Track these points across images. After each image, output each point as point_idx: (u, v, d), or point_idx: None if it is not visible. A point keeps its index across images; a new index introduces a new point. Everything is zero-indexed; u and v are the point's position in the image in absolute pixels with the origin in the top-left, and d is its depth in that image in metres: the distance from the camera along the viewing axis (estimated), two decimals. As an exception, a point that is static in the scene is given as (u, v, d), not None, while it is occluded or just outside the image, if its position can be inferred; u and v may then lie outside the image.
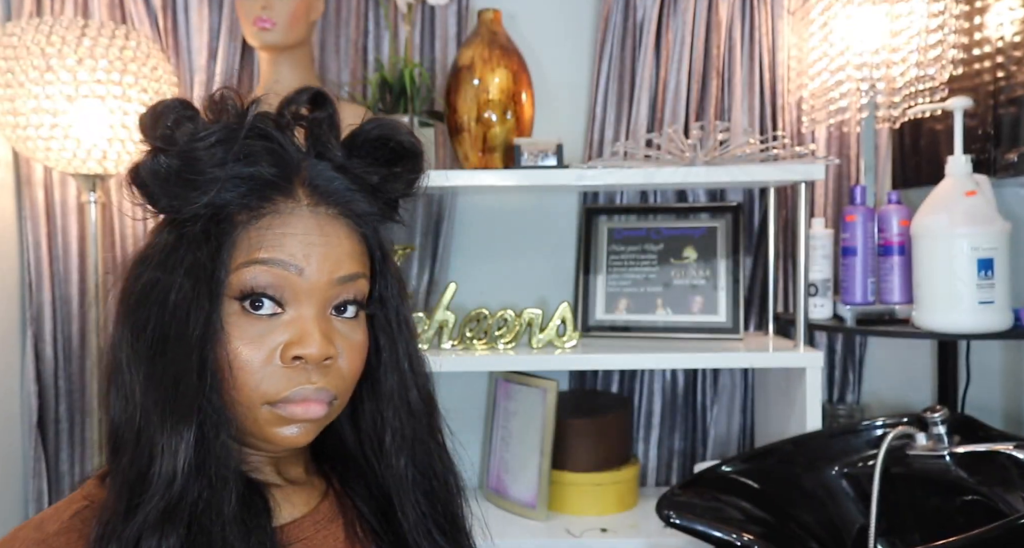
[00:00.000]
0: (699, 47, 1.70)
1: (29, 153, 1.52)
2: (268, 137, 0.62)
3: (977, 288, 1.36)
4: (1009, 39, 1.45)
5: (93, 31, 1.47)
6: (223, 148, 0.60)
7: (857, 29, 1.46)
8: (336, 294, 0.64)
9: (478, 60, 1.55)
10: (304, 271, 0.62)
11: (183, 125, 0.61)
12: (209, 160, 0.59)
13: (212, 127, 0.60)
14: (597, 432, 1.63)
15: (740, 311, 1.62)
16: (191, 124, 0.61)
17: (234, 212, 0.61)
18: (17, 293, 1.72)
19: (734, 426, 1.77)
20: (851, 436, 1.39)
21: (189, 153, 0.60)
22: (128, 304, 0.62)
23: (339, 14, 1.73)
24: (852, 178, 1.72)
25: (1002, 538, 1.03)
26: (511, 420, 1.69)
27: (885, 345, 1.78)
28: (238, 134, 0.60)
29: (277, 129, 0.63)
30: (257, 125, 0.61)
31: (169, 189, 0.61)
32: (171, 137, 0.60)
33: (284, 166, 0.62)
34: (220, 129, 0.60)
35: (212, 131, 0.60)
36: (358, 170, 0.65)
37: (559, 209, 1.80)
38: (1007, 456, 1.22)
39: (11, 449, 1.70)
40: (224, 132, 0.60)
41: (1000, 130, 1.47)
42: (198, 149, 0.59)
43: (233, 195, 0.61)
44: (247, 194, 0.61)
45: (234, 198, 0.61)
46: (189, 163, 0.60)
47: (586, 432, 1.63)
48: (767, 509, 1.31)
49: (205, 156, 0.59)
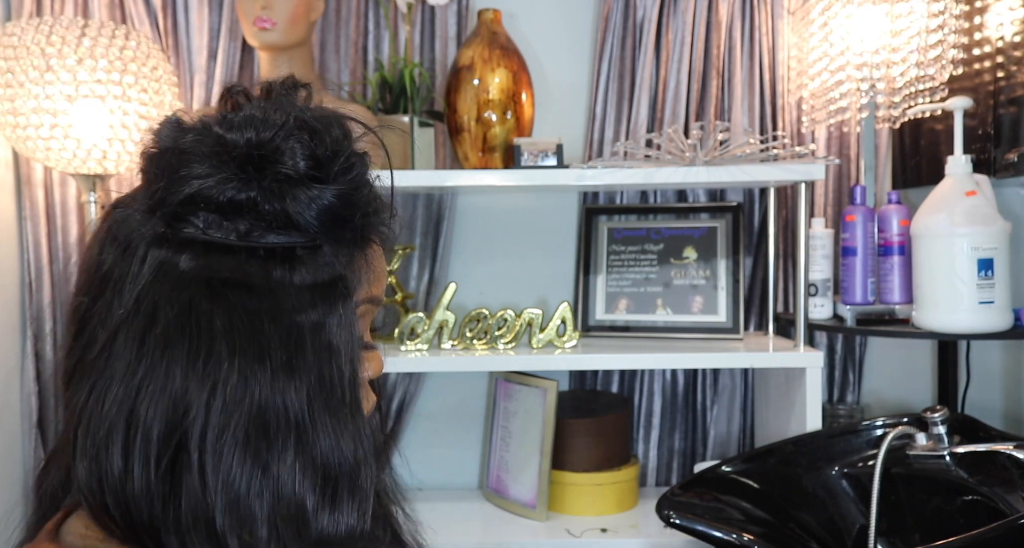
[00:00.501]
0: (699, 47, 1.70)
1: (29, 153, 1.52)
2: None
3: (977, 288, 1.36)
4: (1009, 39, 1.45)
5: (93, 31, 1.47)
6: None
7: (857, 29, 1.46)
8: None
9: (478, 60, 1.56)
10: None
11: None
12: (377, 198, 0.62)
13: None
14: (597, 432, 1.63)
15: (740, 311, 1.62)
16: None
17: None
18: (17, 293, 1.72)
19: (734, 426, 1.77)
20: (851, 436, 1.39)
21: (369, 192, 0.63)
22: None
23: (339, 14, 1.73)
24: (852, 178, 1.72)
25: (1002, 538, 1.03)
26: (511, 420, 1.69)
27: (885, 345, 1.78)
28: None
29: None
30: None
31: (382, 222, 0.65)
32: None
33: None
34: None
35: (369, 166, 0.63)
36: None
37: (559, 209, 1.80)
38: (1007, 456, 1.22)
39: (11, 449, 1.70)
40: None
41: (1000, 130, 1.47)
42: (370, 185, 0.62)
43: (385, 230, 0.65)
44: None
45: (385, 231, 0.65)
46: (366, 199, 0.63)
47: (586, 432, 1.63)
48: (767, 509, 1.31)
49: (377, 192, 0.63)
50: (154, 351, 0.52)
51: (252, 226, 0.55)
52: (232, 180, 0.55)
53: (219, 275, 0.54)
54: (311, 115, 0.58)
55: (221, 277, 0.54)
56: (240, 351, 0.52)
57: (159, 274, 0.54)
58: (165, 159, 0.56)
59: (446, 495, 1.75)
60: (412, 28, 1.70)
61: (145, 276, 0.54)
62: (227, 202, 0.54)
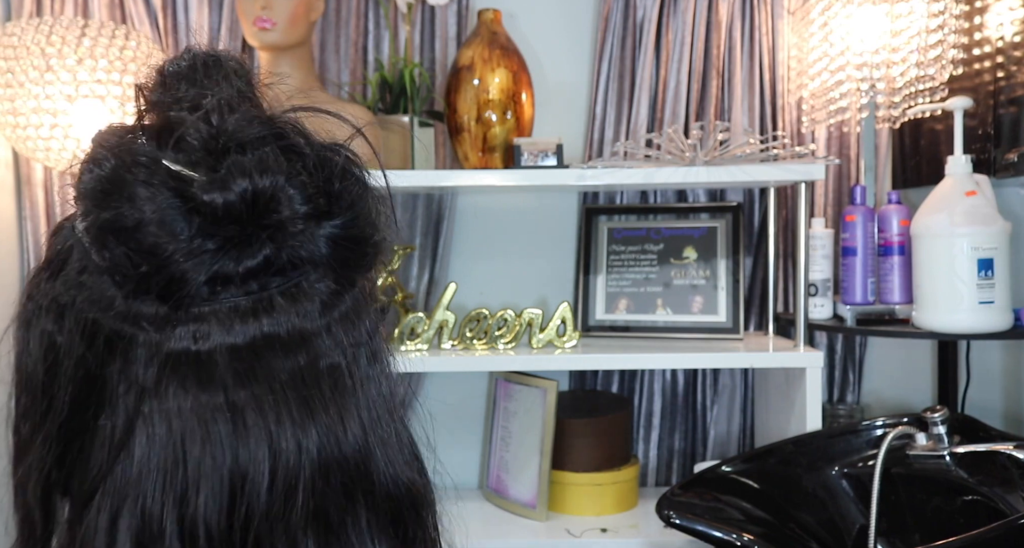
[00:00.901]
0: (699, 47, 1.70)
1: (29, 153, 1.52)
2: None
3: (977, 288, 1.36)
4: (1009, 39, 1.45)
5: (93, 31, 1.47)
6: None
7: (857, 29, 1.46)
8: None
9: (478, 60, 1.56)
10: None
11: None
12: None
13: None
14: (597, 432, 1.63)
15: (740, 311, 1.62)
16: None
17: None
18: (17, 293, 1.71)
19: (734, 426, 1.77)
20: (851, 436, 1.39)
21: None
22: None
23: (339, 14, 1.73)
24: (852, 178, 1.72)
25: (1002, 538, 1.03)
26: (511, 420, 1.69)
27: (885, 345, 1.78)
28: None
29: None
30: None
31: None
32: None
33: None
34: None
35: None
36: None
37: (559, 209, 1.80)
38: (1007, 456, 1.22)
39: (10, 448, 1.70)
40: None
41: (1000, 130, 1.47)
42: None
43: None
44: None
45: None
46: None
47: (586, 432, 1.63)
48: (767, 509, 1.31)
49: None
50: (188, 455, 0.47)
51: (264, 281, 0.49)
52: (234, 245, 0.47)
53: (246, 343, 0.48)
54: (290, 131, 0.49)
55: (249, 344, 0.48)
56: (288, 415, 0.48)
57: (170, 372, 0.47)
58: (128, 232, 0.46)
59: (446, 495, 1.75)
60: (412, 28, 1.70)
61: (147, 380, 0.48)
62: (242, 272, 0.48)
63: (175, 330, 0.47)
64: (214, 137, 0.47)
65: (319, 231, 0.49)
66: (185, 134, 0.47)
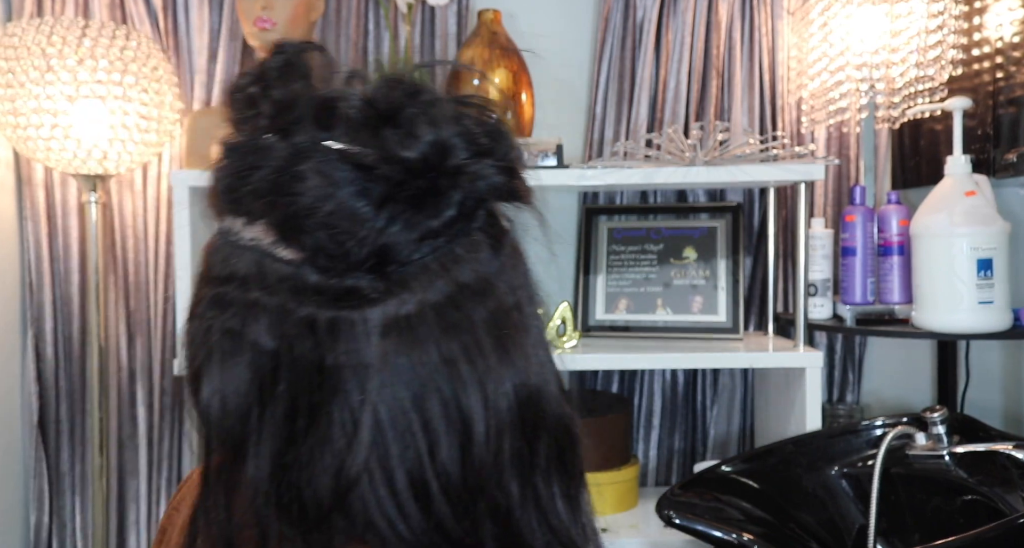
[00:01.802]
0: (699, 47, 1.70)
1: (29, 153, 1.52)
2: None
3: (977, 288, 1.36)
4: (1009, 39, 1.45)
5: (93, 31, 1.47)
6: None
7: (857, 29, 1.46)
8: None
9: (478, 60, 1.56)
10: None
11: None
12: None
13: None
14: (597, 432, 1.63)
15: (740, 311, 1.62)
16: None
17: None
18: (17, 293, 1.72)
19: (734, 426, 1.77)
20: (851, 436, 1.39)
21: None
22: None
23: (339, 14, 1.73)
24: (852, 178, 1.72)
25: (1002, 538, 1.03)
26: (511, 420, 1.69)
27: (885, 345, 1.78)
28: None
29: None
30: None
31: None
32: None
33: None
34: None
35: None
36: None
37: (559, 209, 1.80)
38: (1007, 456, 1.22)
39: (11, 449, 1.70)
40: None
41: (1000, 130, 1.48)
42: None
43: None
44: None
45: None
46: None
47: (586, 432, 1.61)
48: (767, 509, 1.31)
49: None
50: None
51: (452, 232, 0.51)
52: (427, 199, 0.49)
53: (446, 296, 0.50)
54: (423, 87, 0.52)
55: (449, 297, 0.50)
56: (491, 360, 0.51)
57: (390, 342, 0.49)
58: (322, 216, 0.47)
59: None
60: (412, 28, 1.71)
61: (371, 356, 0.49)
62: (440, 225, 0.49)
63: (388, 299, 0.49)
64: (370, 105, 0.50)
65: (490, 167, 0.51)
66: (345, 109, 0.49)
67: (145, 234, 1.71)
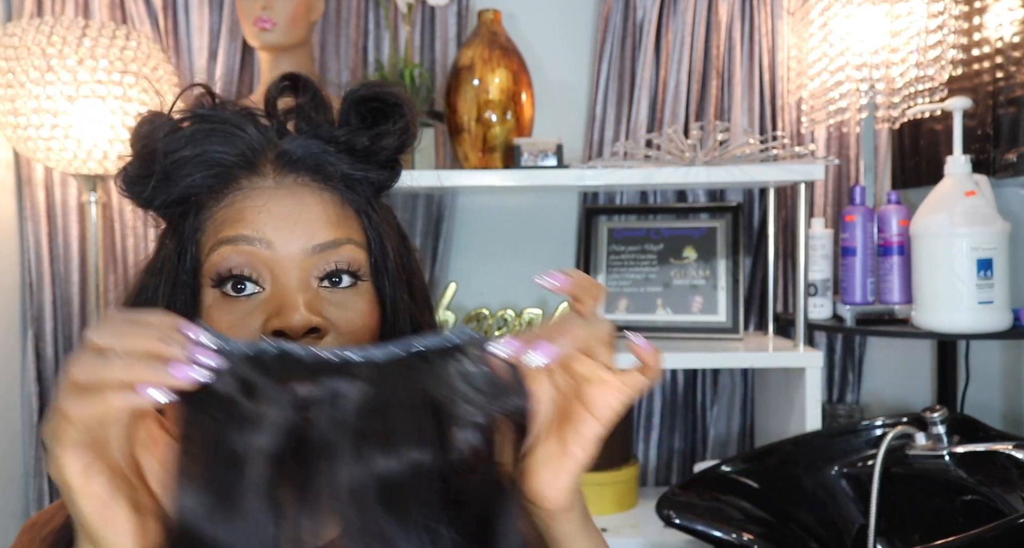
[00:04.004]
0: (699, 47, 1.70)
1: (30, 153, 1.52)
2: (225, 121, 0.60)
3: (977, 288, 1.36)
4: (1009, 39, 1.45)
5: (94, 31, 1.47)
6: (175, 137, 0.59)
7: (857, 29, 1.46)
8: (315, 264, 0.59)
9: (478, 60, 1.56)
10: (273, 244, 0.58)
11: (154, 130, 0.60)
12: (163, 150, 0.59)
13: (169, 122, 0.60)
14: (597, 432, 1.63)
15: (740, 311, 1.62)
16: (159, 126, 0.60)
17: (203, 201, 0.60)
18: (18, 293, 1.72)
19: (734, 426, 1.77)
20: (851, 436, 1.39)
21: (147, 147, 0.59)
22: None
23: (339, 14, 1.73)
24: (852, 178, 1.72)
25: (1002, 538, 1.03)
26: (511, 420, 1.69)
27: (885, 345, 1.78)
28: (191, 122, 0.60)
29: (241, 115, 0.61)
30: (212, 113, 0.60)
31: (135, 188, 0.61)
32: (141, 141, 0.61)
33: (243, 146, 0.60)
34: (170, 121, 0.60)
35: (166, 124, 0.60)
36: (344, 137, 0.62)
37: (559, 209, 1.80)
38: (1006, 456, 1.22)
39: (11, 449, 1.70)
40: (174, 123, 0.60)
41: (1000, 130, 1.48)
42: (155, 142, 0.59)
43: (192, 180, 0.59)
44: (209, 178, 0.60)
45: (195, 182, 0.60)
46: (147, 157, 0.60)
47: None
48: (767, 509, 1.31)
49: (160, 147, 0.59)
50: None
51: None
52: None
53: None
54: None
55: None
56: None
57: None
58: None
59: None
60: (412, 28, 1.71)
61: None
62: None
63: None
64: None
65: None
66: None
67: (145, 234, 1.71)
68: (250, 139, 0.60)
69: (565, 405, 0.54)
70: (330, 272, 0.60)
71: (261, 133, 0.61)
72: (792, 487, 1.35)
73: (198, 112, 0.60)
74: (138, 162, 0.60)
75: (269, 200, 0.60)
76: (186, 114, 0.60)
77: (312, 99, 0.63)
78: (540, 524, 0.56)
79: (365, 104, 0.63)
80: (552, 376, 0.53)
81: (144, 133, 0.60)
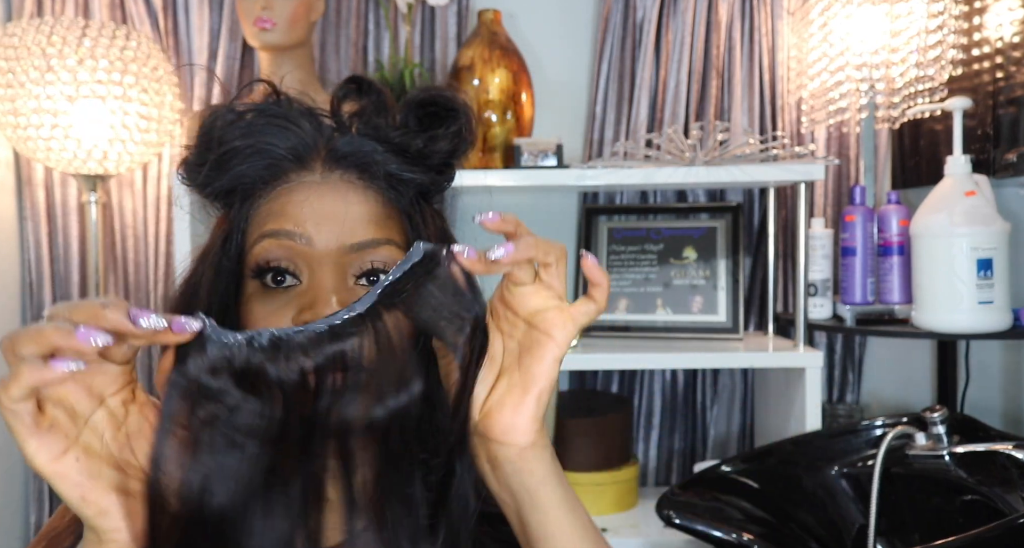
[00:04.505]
0: (699, 47, 1.70)
1: (30, 153, 1.52)
2: (283, 116, 0.61)
3: (977, 288, 1.36)
4: (1009, 39, 1.45)
5: (94, 31, 1.47)
6: (233, 127, 0.60)
7: (857, 29, 1.46)
8: (353, 262, 0.60)
9: (478, 60, 1.56)
10: (312, 239, 0.59)
11: (215, 119, 0.62)
12: (219, 138, 0.60)
13: (231, 113, 0.61)
14: (597, 432, 1.63)
15: (740, 311, 1.62)
16: (220, 116, 0.62)
17: (252, 191, 0.62)
18: (18, 293, 1.72)
19: (734, 426, 1.77)
20: (851, 436, 1.39)
21: (206, 135, 0.61)
22: (173, 303, 0.63)
23: (339, 14, 1.73)
24: (852, 178, 1.72)
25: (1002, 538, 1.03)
26: (511, 420, 1.69)
27: (885, 345, 1.78)
28: (250, 115, 0.61)
29: (300, 112, 0.62)
30: (272, 107, 0.62)
31: (191, 174, 0.62)
32: (202, 129, 0.62)
33: (296, 140, 0.61)
34: (232, 112, 0.61)
35: (226, 114, 0.61)
36: (398, 138, 0.64)
37: (559, 209, 1.80)
38: (1007, 456, 1.22)
39: (11, 449, 1.70)
40: (235, 114, 0.61)
41: (1000, 130, 1.48)
42: (214, 130, 0.61)
43: (243, 169, 0.61)
44: (259, 169, 0.61)
45: (245, 172, 0.61)
46: (205, 145, 0.61)
47: (586, 432, 1.63)
48: (767, 509, 1.31)
49: (217, 135, 0.60)
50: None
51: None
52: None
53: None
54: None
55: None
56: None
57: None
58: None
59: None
60: (412, 28, 1.71)
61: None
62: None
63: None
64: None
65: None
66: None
67: (145, 234, 1.71)
68: (303, 134, 0.62)
69: (524, 339, 0.57)
70: (367, 271, 0.61)
71: (316, 130, 0.62)
72: (792, 487, 1.35)
73: (259, 105, 0.62)
74: (197, 149, 0.62)
75: (312, 195, 0.61)
76: (248, 107, 0.62)
77: (375, 101, 0.64)
78: (510, 469, 0.57)
79: (424, 108, 0.64)
80: (510, 325, 0.57)
81: (206, 122, 0.62)
